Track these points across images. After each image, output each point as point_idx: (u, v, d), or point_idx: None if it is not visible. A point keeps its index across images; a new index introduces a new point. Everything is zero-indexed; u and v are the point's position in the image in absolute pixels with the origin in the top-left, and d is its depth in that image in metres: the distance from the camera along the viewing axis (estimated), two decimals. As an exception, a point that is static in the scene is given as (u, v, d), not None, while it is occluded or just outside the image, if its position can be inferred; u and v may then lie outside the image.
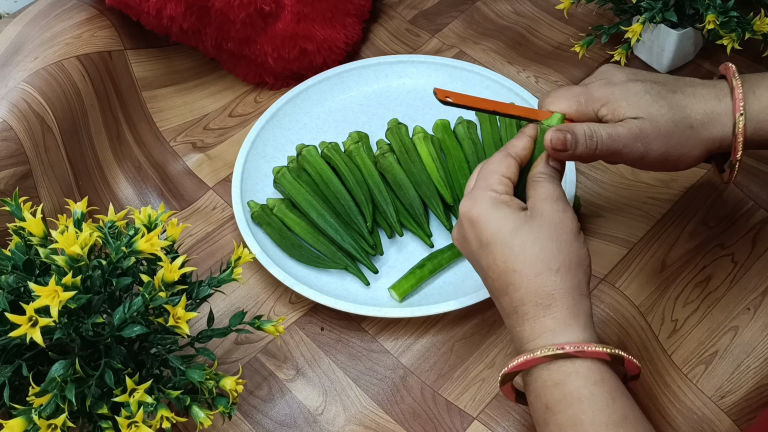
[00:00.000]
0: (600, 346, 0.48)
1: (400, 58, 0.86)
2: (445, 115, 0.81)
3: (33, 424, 0.48)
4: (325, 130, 0.83)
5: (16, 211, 0.56)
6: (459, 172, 0.75)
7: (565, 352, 0.47)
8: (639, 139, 0.55)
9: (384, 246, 0.73)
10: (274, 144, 0.81)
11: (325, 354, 0.67)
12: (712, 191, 0.73)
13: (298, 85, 0.84)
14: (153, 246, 0.53)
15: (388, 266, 0.72)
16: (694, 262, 0.69)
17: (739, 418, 0.61)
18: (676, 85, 0.57)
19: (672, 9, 0.76)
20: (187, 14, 0.78)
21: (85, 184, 0.77)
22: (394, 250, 0.73)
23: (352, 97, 0.86)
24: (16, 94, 0.73)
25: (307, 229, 0.74)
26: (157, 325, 0.53)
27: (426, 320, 0.68)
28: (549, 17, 0.92)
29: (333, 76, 0.85)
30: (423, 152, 0.77)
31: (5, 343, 0.50)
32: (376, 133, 0.81)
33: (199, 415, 0.53)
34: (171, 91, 0.87)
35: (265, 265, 0.70)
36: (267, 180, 0.79)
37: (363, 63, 0.86)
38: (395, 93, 0.85)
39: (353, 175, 0.76)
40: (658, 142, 0.55)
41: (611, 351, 0.48)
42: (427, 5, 0.96)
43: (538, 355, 0.48)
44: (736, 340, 0.64)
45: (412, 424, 0.62)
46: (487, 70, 0.83)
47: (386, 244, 0.73)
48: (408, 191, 0.74)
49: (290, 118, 0.83)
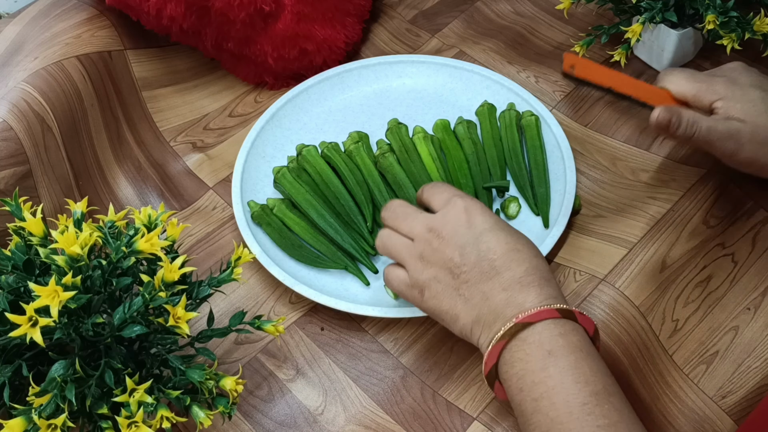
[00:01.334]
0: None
1: (400, 58, 0.86)
2: (445, 115, 0.81)
3: (33, 424, 0.48)
4: (325, 130, 0.83)
5: (16, 211, 0.56)
6: (459, 171, 0.75)
7: (572, 310, 0.53)
8: (733, 139, 0.61)
9: (384, 246, 0.73)
10: (274, 144, 0.81)
11: (325, 354, 0.67)
12: (712, 191, 0.73)
13: (298, 85, 0.84)
14: (153, 246, 0.53)
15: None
16: (694, 262, 0.69)
17: (741, 418, 0.61)
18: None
19: (672, 9, 0.76)
20: (187, 14, 0.78)
21: (85, 184, 0.77)
22: (394, 250, 0.73)
23: (352, 97, 0.86)
24: (16, 94, 0.72)
25: (307, 229, 0.74)
26: (157, 325, 0.53)
27: (426, 320, 0.68)
28: (549, 17, 0.92)
29: (333, 76, 0.85)
30: (423, 152, 0.77)
31: (5, 343, 0.50)
32: (376, 133, 0.81)
33: (199, 415, 0.53)
34: (171, 91, 0.87)
35: (265, 265, 0.70)
36: (267, 180, 0.79)
37: (363, 63, 0.86)
38: (395, 93, 0.85)
39: (353, 175, 0.76)
40: (750, 146, 0.61)
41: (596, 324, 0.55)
42: (427, 5, 0.96)
43: (554, 307, 0.53)
44: (737, 340, 0.64)
45: (412, 425, 0.62)
46: (487, 70, 0.83)
47: (386, 244, 0.73)
48: (408, 191, 0.74)
49: (290, 118, 0.83)
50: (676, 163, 0.76)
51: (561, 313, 0.53)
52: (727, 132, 0.61)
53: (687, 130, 0.61)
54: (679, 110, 0.61)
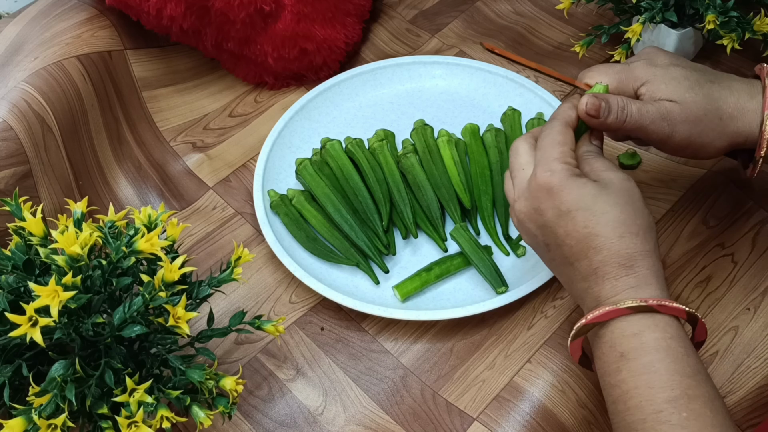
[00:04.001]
0: (678, 304, 0.50)
1: (434, 58, 0.86)
2: (476, 119, 0.81)
3: (33, 424, 0.48)
4: (353, 125, 0.83)
5: (16, 211, 0.56)
6: (480, 178, 0.75)
7: (648, 305, 0.49)
8: (666, 120, 0.57)
9: (398, 246, 0.73)
10: (301, 135, 0.81)
11: (325, 354, 0.67)
12: (712, 191, 0.73)
13: (330, 79, 0.84)
14: (153, 246, 0.53)
15: (400, 267, 0.72)
16: (694, 262, 0.69)
17: (740, 418, 0.61)
18: (715, 77, 0.60)
19: (672, 9, 0.76)
20: (187, 14, 0.78)
21: (85, 184, 0.77)
22: (408, 251, 0.73)
23: (384, 94, 0.85)
24: (16, 94, 0.72)
25: (323, 222, 0.74)
26: (157, 325, 0.53)
27: (426, 321, 0.68)
28: (549, 17, 0.92)
29: (366, 72, 0.85)
30: (446, 155, 0.77)
31: (5, 343, 0.50)
32: (404, 132, 0.81)
33: (199, 415, 0.53)
34: (171, 91, 0.87)
35: (277, 255, 0.70)
36: (290, 170, 0.79)
37: (397, 61, 0.85)
38: (427, 93, 0.85)
39: (374, 172, 0.76)
40: (684, 126, 0.58)
41: (689, 310, 0.50)
42: (427, 5, 0.96)
43: (621, 306, 0.49)
44: (737, 340, 0.64)
45: (412, 425, 0.62)
46: (521, 77, 0.82)
47: (400, 244, 0.73)
48: (427, 193, 0.74)
49: (320, 110, 0.83)
50: (676, 163, 0.76)
51: (634, 310, 0.49)
52: (658, 113, 0.57)
53: (618, 115, 0.57)
54: (606, 96, 0.57)
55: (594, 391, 0.62)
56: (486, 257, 0.69)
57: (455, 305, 0.67)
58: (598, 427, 0.61)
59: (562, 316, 0.67)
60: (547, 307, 0.68)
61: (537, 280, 0.67)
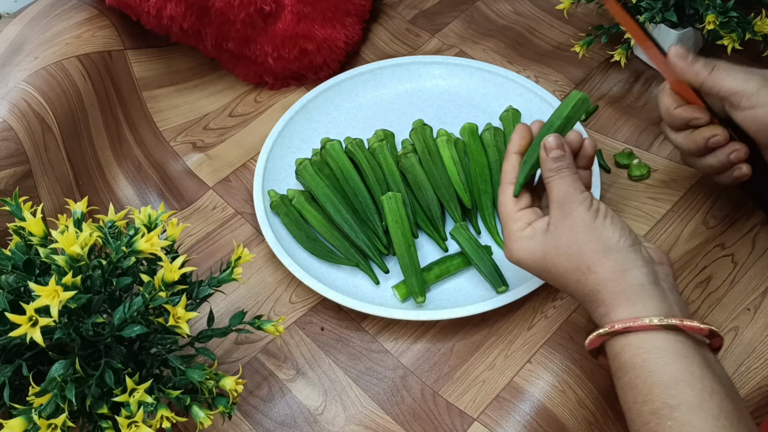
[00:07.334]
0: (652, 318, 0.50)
1: (434, 58, 0.86)
2: (475, 119, 0.81)
3: (33, 424, 0.48)
4: (353, 125, 0.83)
5: (16, 211, 0.56)
6: (479, 177, 0.75)
7: (614, 330, 0.51)
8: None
9: (398, 246, 0.73)
10: (301, 135, 0.82)
11: (325, 354, 0.67)
12: (712, 191, 0.73)
13: (329, 79, 0.84)
14: (153, 246, 0.53)
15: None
16: (694, 262, 0.69)
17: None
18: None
19: (672, 9, 0.76)
20: (187, 14, 0.78)
21: (85, 184, 0.77)
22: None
23: (384, 94, 0.85)
24: (16, 94, 0.72)
25: (323, 222, 0.74)
26: (157, 325, 0.53)
27: (426, 321, 0.68)
28: (549, 17, 0.92)
29: (366, 72, 0.85)
30: (445, 155, 0.77)
31: (5, 343, 0.50)
32: (404, 132, 0.81)
33: (199, 415, 0.53)
34: (171, 91, 0.87)
35: (277, 255, 0.70)
36: (290, 170, 0.79)
37: (397, 61, 0.85)
38: (427, 93, 0.85)
39: (374, 172, 0.76)
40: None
41: (660, 322, 0.50)
42: (427, 5, 0.96)
43: (592, 337, 0.53)
44: (737, 340, 0.64)
45: (412, 425, 0.62)
46: (521, 78, 0.82)
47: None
48: (427, 193, 0.74)
49: (320, 110, 0.83)
50: (676, 163, 0.76)
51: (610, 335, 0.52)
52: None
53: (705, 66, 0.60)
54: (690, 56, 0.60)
55: (594, 391, 0.62)
56: (486, 257, 0.69)
57: (455, 305, 0.67)
58: (598, 427, 0.61)
59: (562, 316, 0.67)
60: (548, 307, 0.67)
61: (537, 280, 0.67)
